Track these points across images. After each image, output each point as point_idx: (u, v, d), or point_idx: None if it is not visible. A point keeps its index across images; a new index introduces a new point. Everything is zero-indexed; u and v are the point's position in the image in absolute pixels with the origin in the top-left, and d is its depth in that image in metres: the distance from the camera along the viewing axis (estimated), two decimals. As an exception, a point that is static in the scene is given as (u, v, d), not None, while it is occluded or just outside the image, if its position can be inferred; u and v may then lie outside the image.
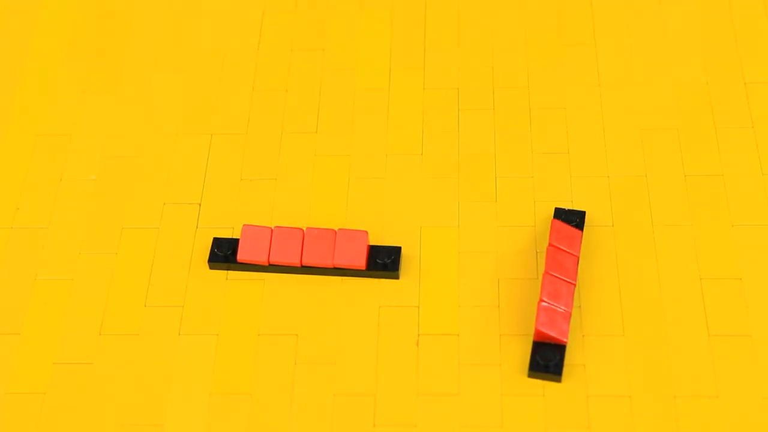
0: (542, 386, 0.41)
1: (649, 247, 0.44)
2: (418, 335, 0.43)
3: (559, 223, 0.44)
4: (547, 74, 0.49)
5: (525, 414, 0.40)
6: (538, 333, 0.41)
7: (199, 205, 0.46)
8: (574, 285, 0.43)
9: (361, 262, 0.43)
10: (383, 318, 0.43)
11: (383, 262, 0.43)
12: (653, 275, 0.43)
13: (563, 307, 0.42)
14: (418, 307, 0.43)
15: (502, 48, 0.51)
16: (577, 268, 0.43)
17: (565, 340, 0.41)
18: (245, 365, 0.42)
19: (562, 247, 0.43)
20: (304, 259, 0.43)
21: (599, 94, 0.49)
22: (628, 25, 0.51)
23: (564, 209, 0.45)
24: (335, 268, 0.43)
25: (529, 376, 0.41)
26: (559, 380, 0.41)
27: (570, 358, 0.41)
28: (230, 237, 0.45)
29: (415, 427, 0.41)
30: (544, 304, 0.42)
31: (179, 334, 0.43)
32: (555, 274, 0.43)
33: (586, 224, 0.45)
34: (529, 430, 0.40)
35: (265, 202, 0.46)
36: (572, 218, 0.44)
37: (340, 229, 0.44)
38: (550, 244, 0.43)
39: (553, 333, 0.41)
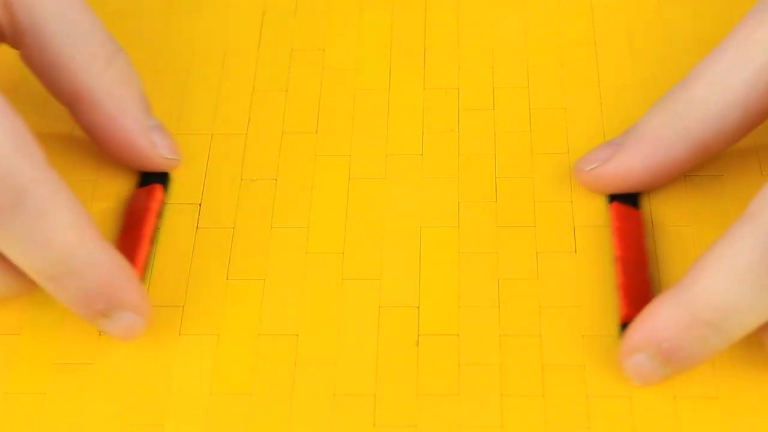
0: (542, 386, 0.41)
1: (649, 247, 0.44)
2: (418, 335, 0.43)
3: (619, 205, 0.44)
4: (547, 74, 0.50)
5: (525, 414, 0.40)
6: (626, 316, 0.41)
7: (199, 205, 0.46)
8: (647, 262, 0.42)
9: None
10: (383, 318, 0.43)
11: None
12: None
13: (642, 286, 0.42)
14: (418, 307, 0.43)
15: (502, 48, 0.51)
16: (645, 246, 0.43)
17: None
18: (245, 365, 0.42)
19: (627, 228, 0.43)
20: None
21: (599, 94, 0.49)
22: (628, 25, 0.51)
23: (617, 194, 0.45)
24: None
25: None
26: None
27: (570, 359, 0.41)
28: None
29: (415, 427, 0.41)
30: (623, 285, 0.42)
31: (179, 334, 0.43)
32: (627, 256, 0.42)
33: (586, 224, 0.45)
34: (529, 430, 0.40)
35: (265, 202, 0.46)
36: (627, 200, 0.44)
37: None
38: (615, 227, 0.43)
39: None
